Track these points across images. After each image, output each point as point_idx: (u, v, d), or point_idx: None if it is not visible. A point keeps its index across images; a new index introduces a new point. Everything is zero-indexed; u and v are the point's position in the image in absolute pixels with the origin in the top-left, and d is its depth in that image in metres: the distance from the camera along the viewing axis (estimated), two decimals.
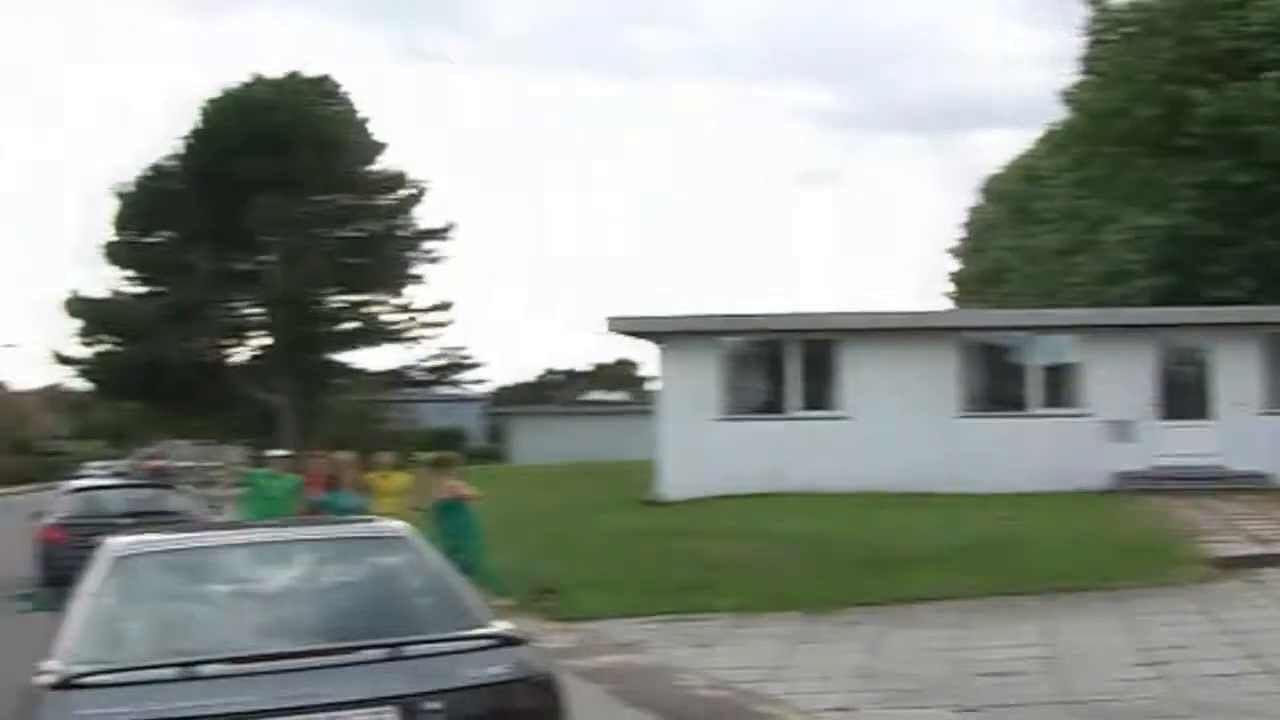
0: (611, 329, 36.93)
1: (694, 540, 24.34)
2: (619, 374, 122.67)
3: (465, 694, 7.99)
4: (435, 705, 7.90)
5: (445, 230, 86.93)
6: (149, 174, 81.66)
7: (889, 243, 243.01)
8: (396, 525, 10.03)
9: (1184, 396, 34.65)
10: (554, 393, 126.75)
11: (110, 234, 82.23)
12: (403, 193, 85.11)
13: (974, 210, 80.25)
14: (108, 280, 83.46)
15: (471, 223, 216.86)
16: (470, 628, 8.50)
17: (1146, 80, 45.90)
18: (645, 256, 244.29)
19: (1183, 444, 33.57)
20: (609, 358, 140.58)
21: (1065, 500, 29.95)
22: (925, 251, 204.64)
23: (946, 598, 19.53)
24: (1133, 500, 30.02)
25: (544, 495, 38.65)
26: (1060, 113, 56.41)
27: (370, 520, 11.06)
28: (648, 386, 41.91)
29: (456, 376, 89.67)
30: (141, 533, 10.58)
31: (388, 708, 7.85)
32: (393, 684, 7.93)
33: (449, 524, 19.47)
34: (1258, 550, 22.81)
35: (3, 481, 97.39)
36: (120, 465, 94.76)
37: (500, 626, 8.60)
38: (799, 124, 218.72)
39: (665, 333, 36.53)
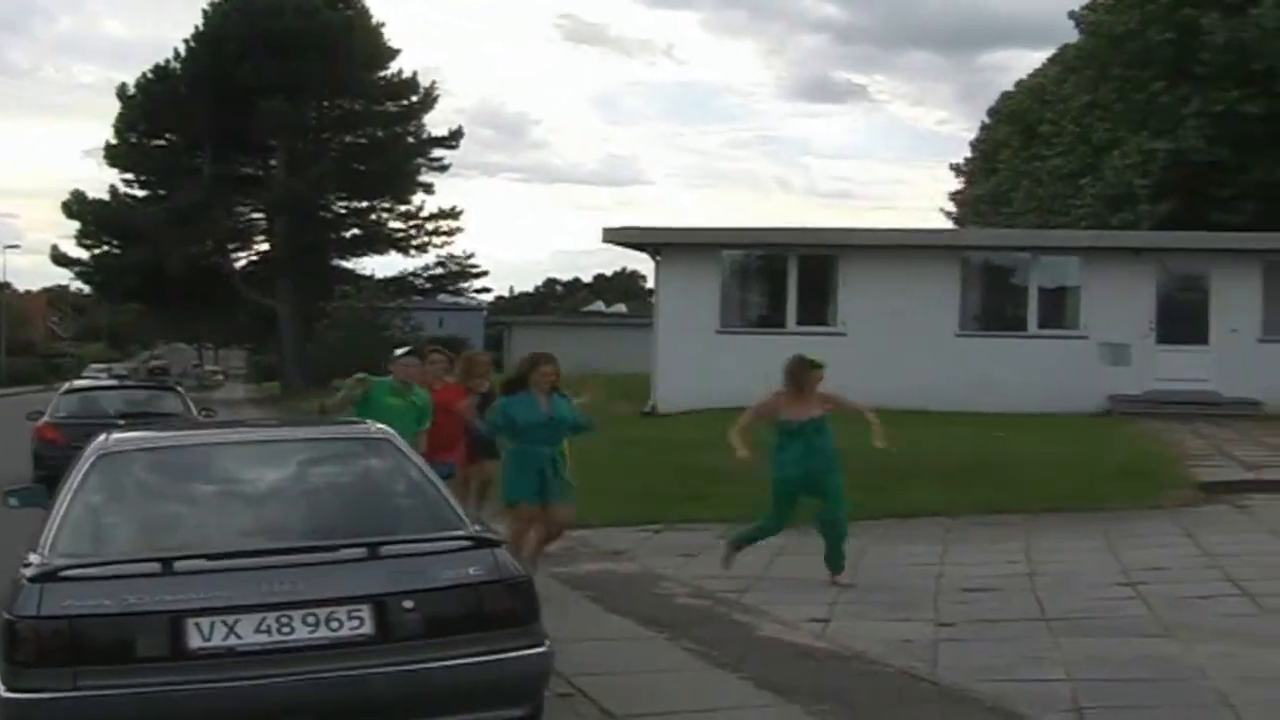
0: (608, 239, 36.95)
1: (687, 452, 24.42)
2: (622, 286, 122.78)
3: (439, 594, 8.10)
4: (410, 604, 8.00)
5: (454, 138, 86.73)
6: (152, 76, 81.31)
7: (902, 160, 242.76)
8: (381, 427, 10.12)
9: (1182, 321, 34.66)
10: (556, 303, 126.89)
11: (112, 136, 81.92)
12: (413, 99, 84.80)
13: (985, 130, 79.91)
14: (110, 182, 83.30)
15: (482, 128, 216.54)
16: (447, 529, 8.61)
17: (1159, 2, 45.68)
18: (656, 169, 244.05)
19: (1178, 369, 33.62)
20: (612, 269, 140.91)
21: (1060, 421, 30.03)
22: (936, 172, 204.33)
23: (934, 514, 19.64)
24: (1126, 423, 30.10)
25: None
26: (1073, 34, 56.18)
27: (356, 421, 11.13)
28: (649, 299, 41.83)
29: (460, 285, 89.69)
30: (131, 431, 10.70)
31: (363, 606, 7.96)
32: (368, 583, 8.05)
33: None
34: (1246, 476, 22.90)
35: (7, 382, 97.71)
36: (120, 368, 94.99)
37: (475, 529, 8.71)
38: (814, 38, 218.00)
39: (663, 244, 36.54)
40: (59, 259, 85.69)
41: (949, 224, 78.10)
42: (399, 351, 16.90)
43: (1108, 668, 11.28)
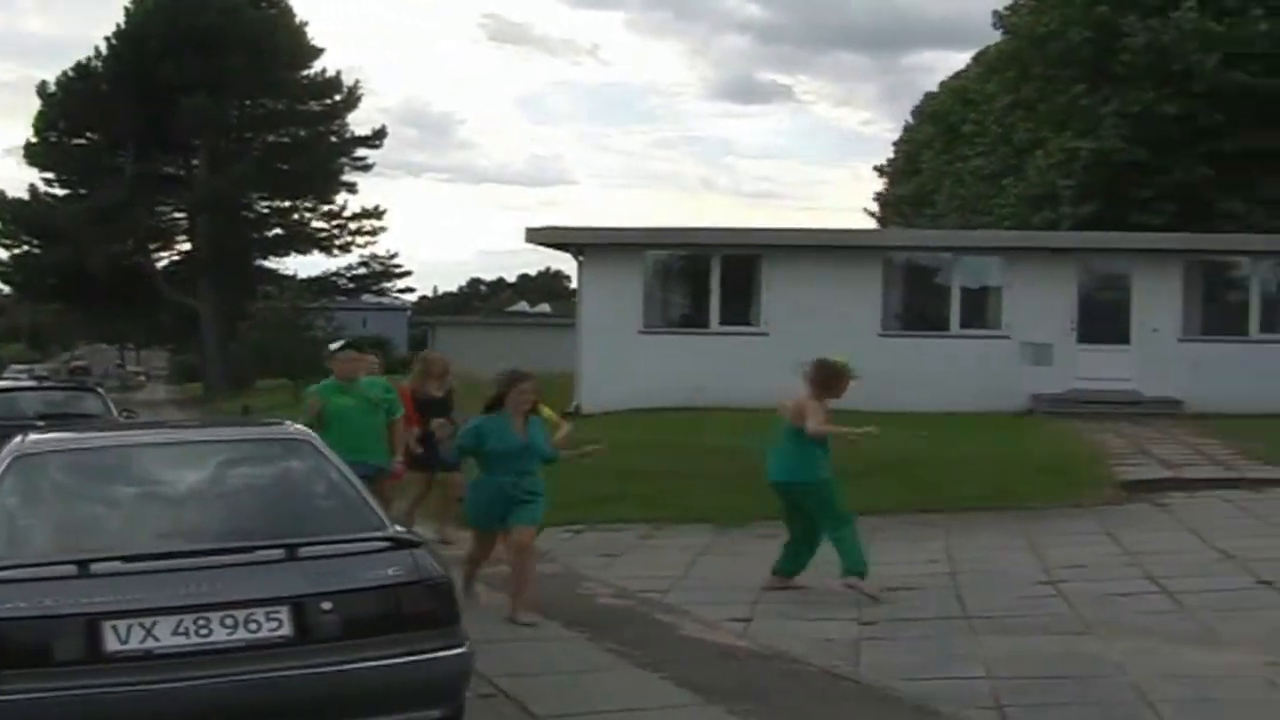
0: (530, 240, 36.89)
1: (610, 452, 24.37)
2: (546, 286, 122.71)
3: (359, 595, 8.07)
4: (328, 605, 7.96)
5: (378, 137, 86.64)
6: (73, 74, 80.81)
7: (826, 160, 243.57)
8: (300, 428, 10.07)
9: (1103, 321, 34.86)
10: (480, 303, 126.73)
11: (32, 135, 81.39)
12: (336, 98, 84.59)
13: (908, 130, 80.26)
14: (30, 181, 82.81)
15: (407, 128, 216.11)
16: (366, 530, 8.57)
17: (1080, 3, 45.90)
18: (581, 169, 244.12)
19: (1100, 368, 33.81)
20: (536, 269, 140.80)
21: (982, 420, 30.13)
22: (860, 171, 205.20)
23: (856, 513, 19.66)
24: (1048, 422, 30.24)
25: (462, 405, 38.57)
26: (996, 35, 56.42)
27: (275, 422, 11.07)
28: (573, 299, 41.84)
29: (383, 285, 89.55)
30: (49, 432, 10.62)
31: (281, 607, 7.91)
32: (287, 584, 8.01)
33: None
34: (1166, 474, 23.04)
35: None
36: (41, 369, 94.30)
37: (394, 530, 8.68)
38: (738, 39, 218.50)
39: (586, 245, 36.52)
40: None
41: (873, 224, 78.40)
42: (333, 346, 16.16)
43: (1028, 665, 11.34)
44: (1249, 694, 10.46)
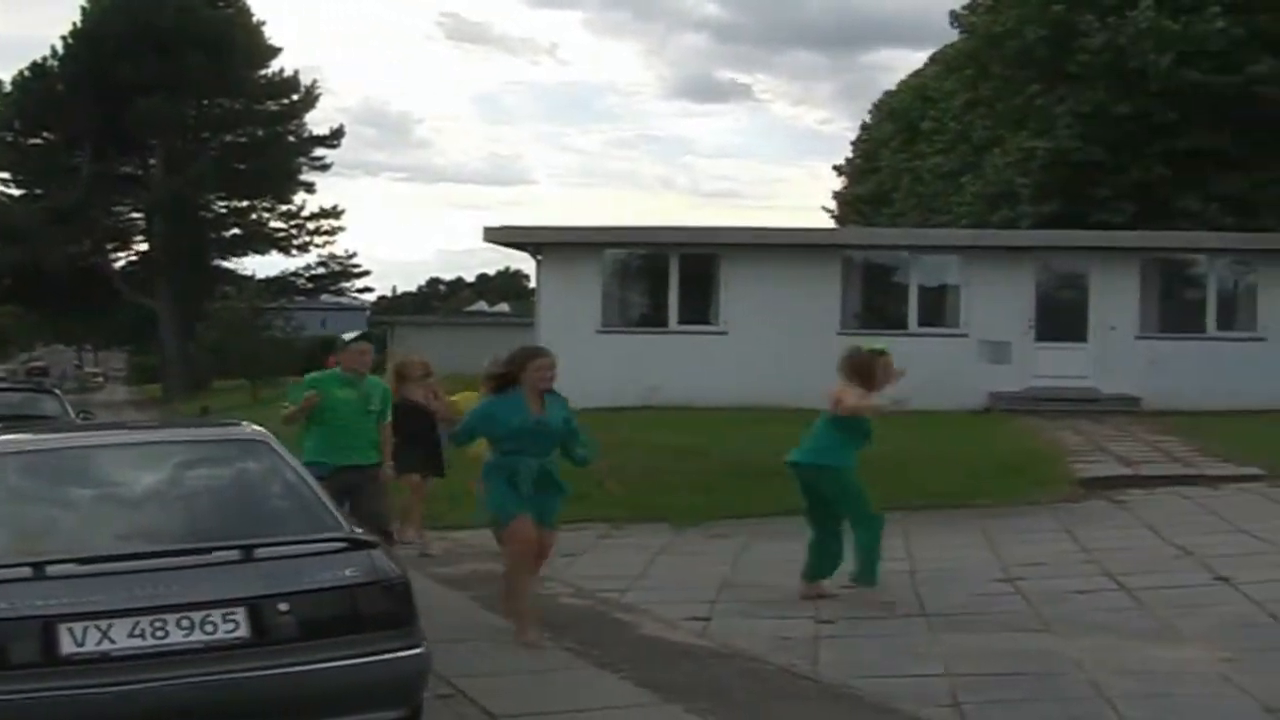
0: (489, 239, 36.82)
1: None
2: (505, 285, 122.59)
3: (315, 596, 8.08)
4: (284, 606, 7.96)
5: (335, 137, 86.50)
6: (29, 74, 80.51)
7: (784, 159, 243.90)
8: (257, 429, 10.03)
9: (1061, 319, 34.96)
10: (439, 303, 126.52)
11: None
12: (294, 98, 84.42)
13: (866, 129, 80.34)
14: None
15: (365, 127, 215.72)
16: (323, 531, 8.56)
17: (1036, 3, 45.99)
18: (540, 168, 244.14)
19: (1058, 366, 33.90)
20: (495, 268, 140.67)
21: (941, 418, 30.13)
22: (819, 170, 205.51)
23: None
24: (1006, 420, 30.34)
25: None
26: (954, 33, 56.45)
27: (231, 423, 11.03)
28: (532, 298, 41.79)
29: (342, 285, 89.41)
30: (5, 434, 10.57)
31: (238, 608, 7.91)
32: (243, 585, 8.00)
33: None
34: (1124, 472, 23.14)
35: None
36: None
37: (351, 530, 8.67)
38: (696, 38, 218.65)
39: (544, 244, 36.49)
40: None
41: (831, 223, 78.44)
42: (348, 336, 15.56)
43: (986, 663, 11.37)
44: (1205, 689, 10.51)
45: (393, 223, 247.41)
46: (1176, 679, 10.75)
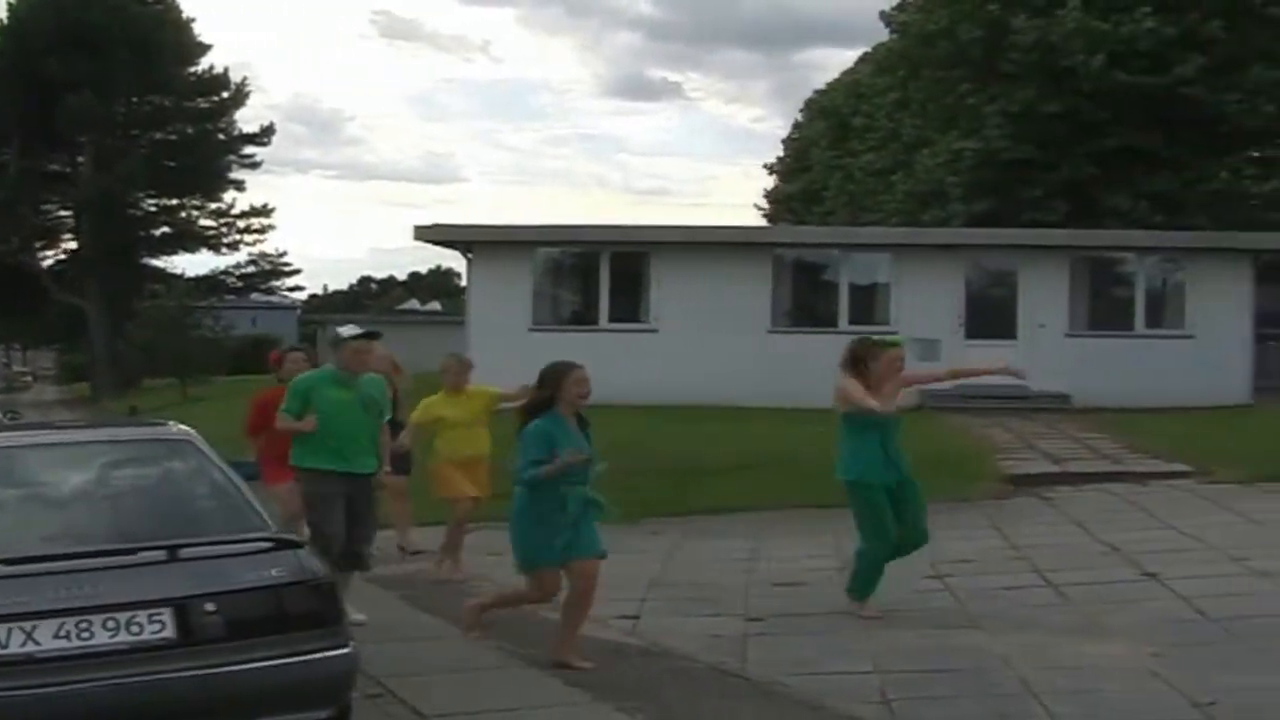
0: (419, 238, 36.76)
1: (499, 449, 24.30)
2: (437, 283, 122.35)
3: (241, 596, 8.03)
4: (210, 607, 7.92)
5: (266, 134, 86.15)
6: None
7: (717, 157, 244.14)
8: (184, 429, 9.97)
9: (991, 317, 35.11)
10: (371, 301, 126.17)
11: None
12: (224, 95, 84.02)
13: (798, 127, 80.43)
14: None
15: (296, 125, 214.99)
16: (249, 531, 8.52)
17: (969, 3, 46.14)
18: (473, 166, 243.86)
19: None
20: (427, 267, 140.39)
21: None
22: (751, 169, 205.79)
23: (746, 509, 19.74)
24: (936, 417, 30.38)
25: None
26: (886, 32, 56.53)
27: (158, 423, 10.96)
28: (464, 297, 41.70)
29: (272, 283, 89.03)
30: None
31: (164, 609, 7.86)
32: (169, 586, 7.95)
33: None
34: (1052, 469, 23.28)
35: None
36: None
37: (277, 530, 8.63)
38: (629, 35, 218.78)
39: (475, 242, 36.44)
40: None
41: (763, 222, 78.55)
42: (346, 331, 13.48)
43: (915, 659, 11.42)
44: (1132, 684, 10.57)
45: (324, 221, 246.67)
46: (1104, 675, 10.81)
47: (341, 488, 12.58)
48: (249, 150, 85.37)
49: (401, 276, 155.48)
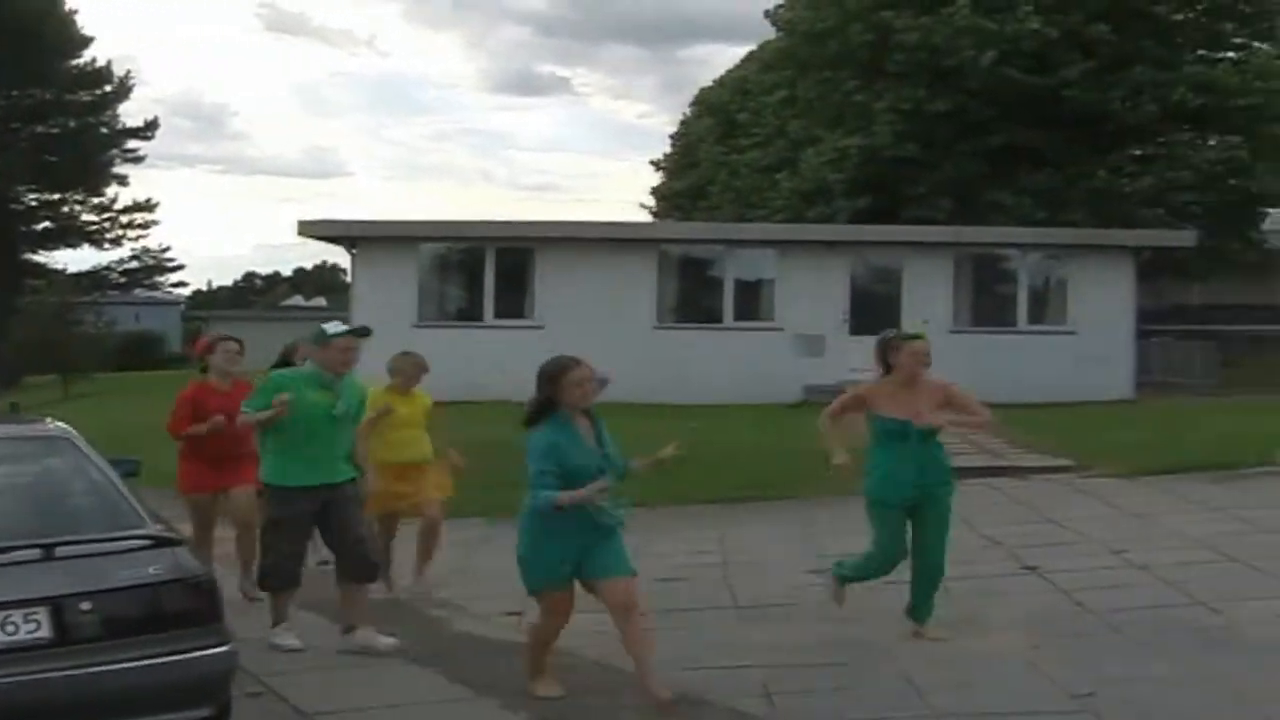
0: (303, 233, 36.66)
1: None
2: (322, 279, 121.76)
3: (118, 594, 7.98)
4: (87, 606, 7.85)
5: (150, 128, 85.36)
6: None
7: (605, 153, 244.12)
8: (61, 426, 9.86)
9: (875, 313, 35.26)
10: (256, 297, 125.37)
11: None
12: (107, 88, 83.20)
13: (684, 123, 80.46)
14: None
15: (180, 119, 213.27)
16: (127, 529, 8.44)
17: (854, 3, 46.33)
18: (359, 161, 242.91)
19: (872, 359, 34.16)
20: (313, 262, 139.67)
21: (757, 411, 30.38)
22: (639, 165, 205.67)
23: (630, 505, 19.69)
24: (821, 413, 30.49)
25: None
26: (773, 30, 56.66)
27: (34, 420, 10.85)
28: (349, 293, 41.53)
29: (156, 279, 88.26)
30: None
31: (39, 608, 7.80)
32: (44, 585, 7.89)
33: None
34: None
35: None
36: None
37: (155, 527, 8.55)
38: (517, 30, 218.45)
39: (359, 238, 36.33)
40: None
41: (650, 218, 78.58)
42: (331, 328, 12.15)
43: (798, 653, 11.46)
44: (1012, 677, 10.64)
45: (209, 216, 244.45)
46: (984, 667, 10.89)
47: (313, 505, 11.66)
48: (132, 145, 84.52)
49: (287, 272, 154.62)
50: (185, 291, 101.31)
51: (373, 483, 12.59)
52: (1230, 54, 48.12)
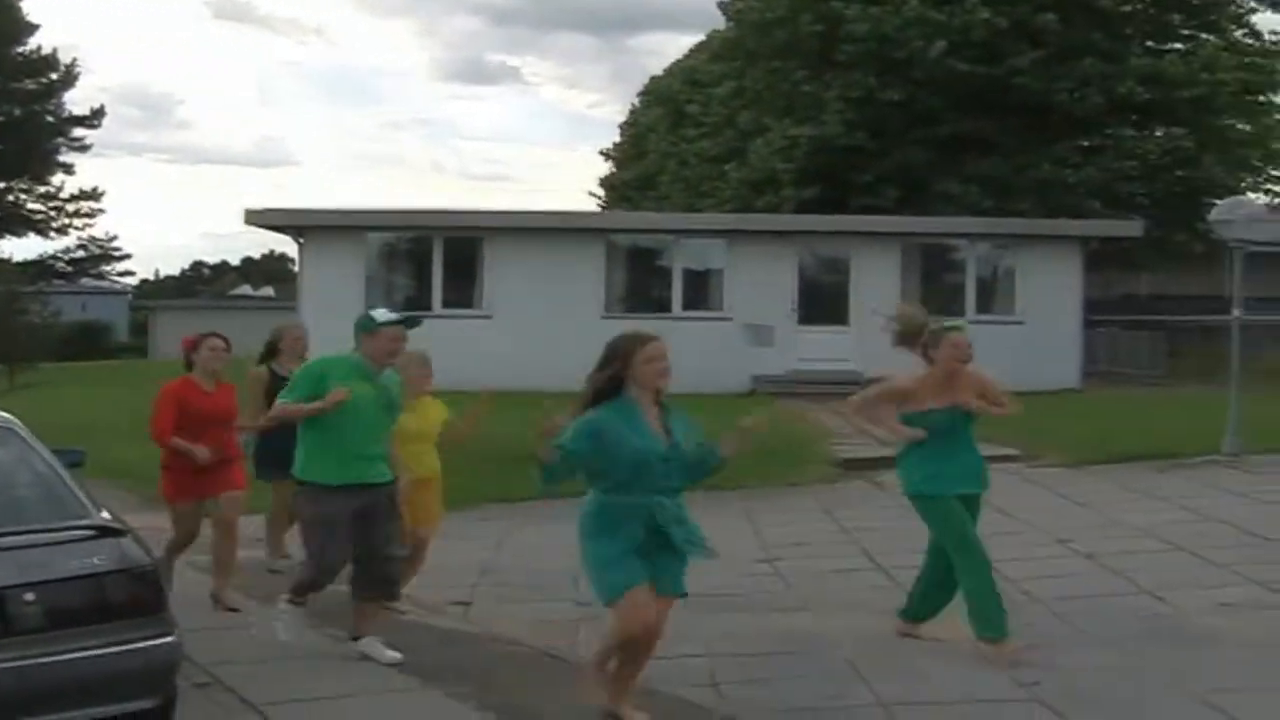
0: (250, 222, 36.48)
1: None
2: (270, 268, 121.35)
3: (63, 585, 7.92)
4: (31, 596, 7.81)
5: (96, 117, 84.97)
6: None
7: (555, 143, 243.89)
8: (4, 415, 9.80)
9: (823, 303, 35.48)
10: (203, 286, 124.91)
11: None
12: (52, 76, 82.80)
13: (634, 113, 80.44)
14: None
15: (127, 107, 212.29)
16: (71, 519, 8.40)
17: None
18: (308, 150, 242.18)
19: (820, 349, 34.34)
20: (261, 251, 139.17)
21: (705, 402, 30.18)
22: (590, 154, 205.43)
23: (577, 495, 19.68)
24: (769, 402, 30.56)
25: None
26: (723, 19, 56.70)
27: None
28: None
29: (102, 268, 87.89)
30: None
31: None
32: None
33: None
34: (883, 453, 23.38)
35: None
36: None
37: (100, 517, 8.50)
38: (468, 20, 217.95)
39: (307, 227, 36.23)
40: None
41: (599, 208, 78.54)
42: (381, 315, 11.45)
43: (745, 643, 11.49)
44: (958, 665, 10.70)
45: (156, 205, 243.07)
46: (931, 656, 10.95)
47: (350, 504, 10.84)
48: (79, 133, 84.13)
49: (235, 262, 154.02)
50: (132, 281, 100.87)
51: (406, 489, 11.69)
52: (1178, 45, 48.37)
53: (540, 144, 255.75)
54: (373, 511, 10.90)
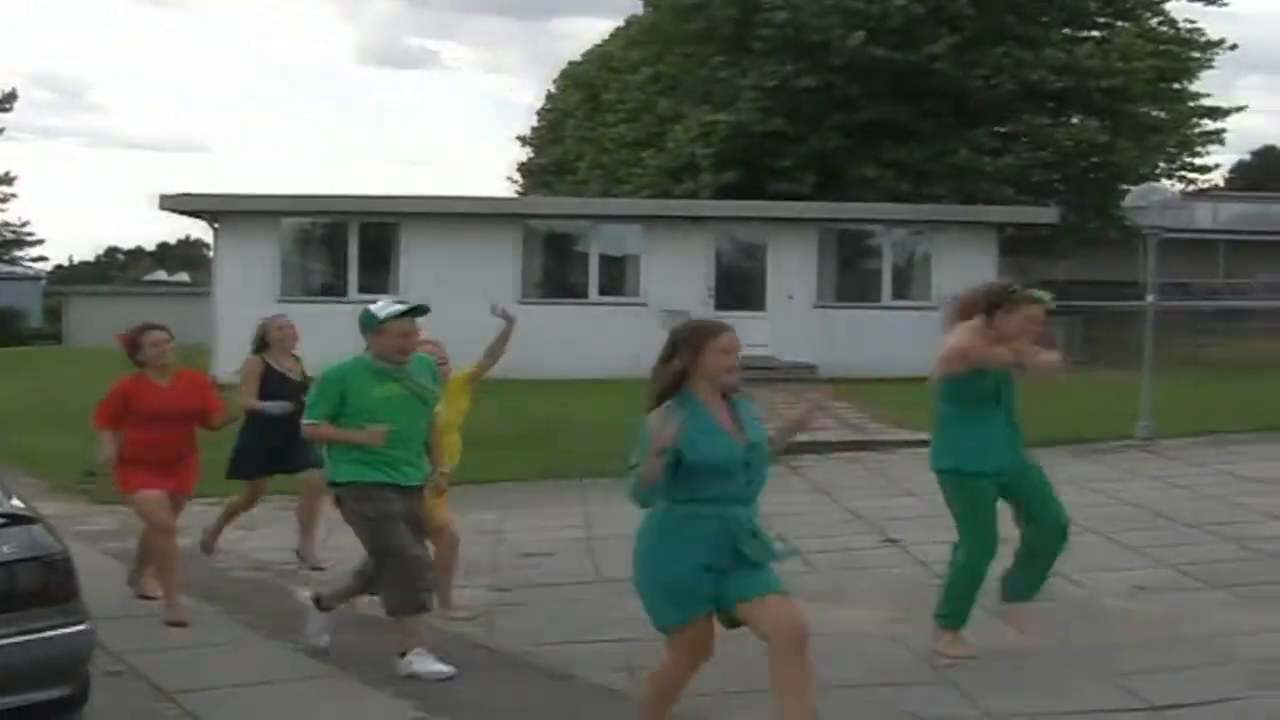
0: (164, 207, 36.24)
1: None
2: (186, 254, 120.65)
3: None
4: None
5: (8, 100, 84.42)
6: None
7: (474, 127, 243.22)
8: None
9: (740, 288, 35.59)
10: (118, 272, 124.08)
11: None
12: None
13: (551, 98, 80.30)
14: None
15: (40, 90, 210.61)
16: None
17: None
18: (227, 134, 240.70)
19: (737, 334, 34.34)
20: (176, 237, 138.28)
21: (621, 387, 30.24)
22: (509, 139, 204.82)
23: (494, 480, 19.70)
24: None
25: (95, 376, 37.74)
26: (639, 5, 56.70)
27: None
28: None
29: (15, 254, 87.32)
30: None
31: None
32: None
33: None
34: (799, 438, 23.45)
35: None
36: None
37: (11, 505, 8.43)
38: (388, 4, 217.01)
39: (221, 212, 36.04)
40: None
41: (517, 193, 78.42)
42: (381, 310, 10.67)
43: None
44: (872, 648, 10.77)
45: (70, 189, 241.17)
46: (848, 639, 10.98)
47: (400, 500, 10.42)
48: None
49: (150, 247, 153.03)
50: (46, 266, 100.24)
51: (441, 481, 11.43)
52: (1094, 33, 48.62)
53: (459, 128, 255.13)
54: (410, 516, 10.50)
